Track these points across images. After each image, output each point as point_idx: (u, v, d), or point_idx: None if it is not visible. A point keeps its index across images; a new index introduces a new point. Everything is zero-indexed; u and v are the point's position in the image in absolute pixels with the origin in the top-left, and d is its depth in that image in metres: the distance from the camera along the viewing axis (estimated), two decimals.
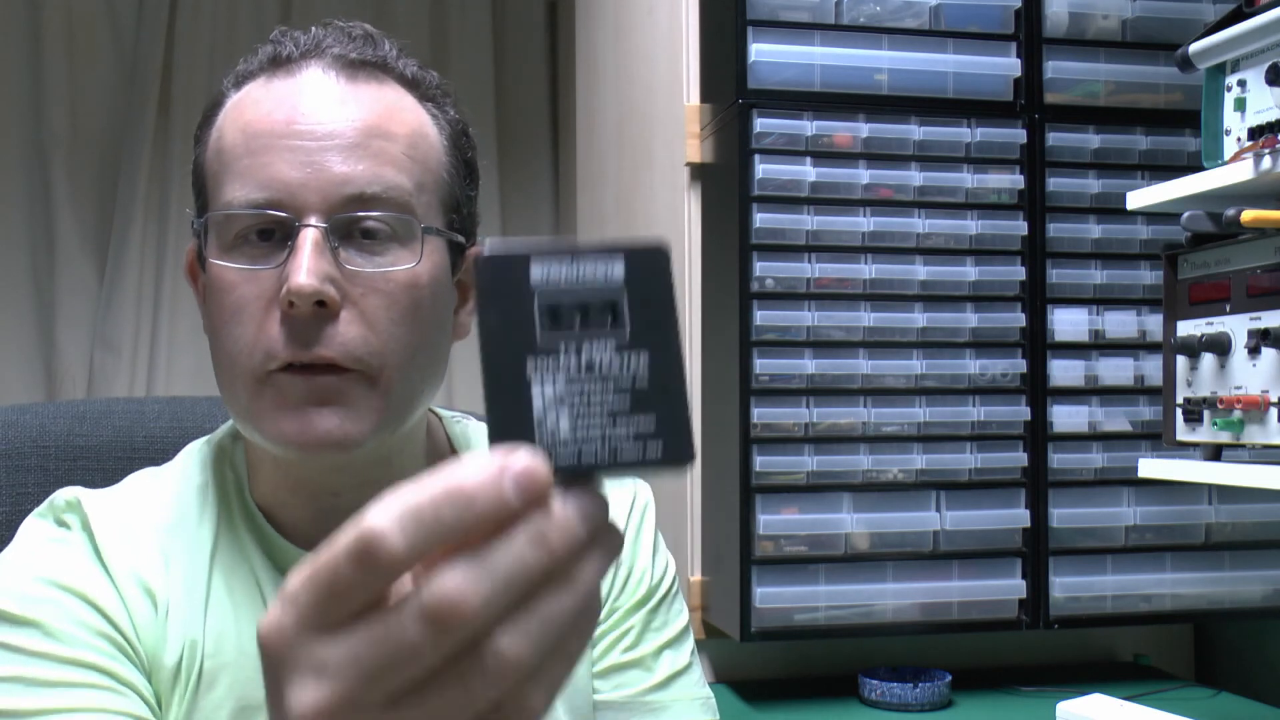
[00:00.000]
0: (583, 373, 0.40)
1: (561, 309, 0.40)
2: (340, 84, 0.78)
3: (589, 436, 0.39)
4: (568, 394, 0.39)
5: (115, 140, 3.05)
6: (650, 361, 0.40)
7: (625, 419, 0.40)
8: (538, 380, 0.39)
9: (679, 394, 0.40)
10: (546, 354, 0.40)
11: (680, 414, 0.40)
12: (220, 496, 0.83)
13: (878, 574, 1.57)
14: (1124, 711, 1.37)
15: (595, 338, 0.40)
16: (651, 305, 0.40)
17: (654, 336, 0.40)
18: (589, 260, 0.40)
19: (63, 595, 0.75)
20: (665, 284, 0.41)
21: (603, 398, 0.40)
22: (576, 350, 0.40)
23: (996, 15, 1.63)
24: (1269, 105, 1.19)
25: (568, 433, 0.39)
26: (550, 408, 0.39)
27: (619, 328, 0.40)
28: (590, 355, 0.40)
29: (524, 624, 0.37)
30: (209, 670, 0.77)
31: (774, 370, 1.55)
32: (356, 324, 0.75)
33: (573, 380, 0.40)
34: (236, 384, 0.76)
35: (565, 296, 0.40)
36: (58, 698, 0.71)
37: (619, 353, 0.40)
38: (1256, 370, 1.18)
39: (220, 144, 0.79)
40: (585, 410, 0.39)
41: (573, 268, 0.40)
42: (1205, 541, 1.66)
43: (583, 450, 0.39)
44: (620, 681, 0.89)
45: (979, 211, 1.62)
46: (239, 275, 0.76)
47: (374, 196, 0.75)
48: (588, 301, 0.40)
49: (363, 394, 0.75)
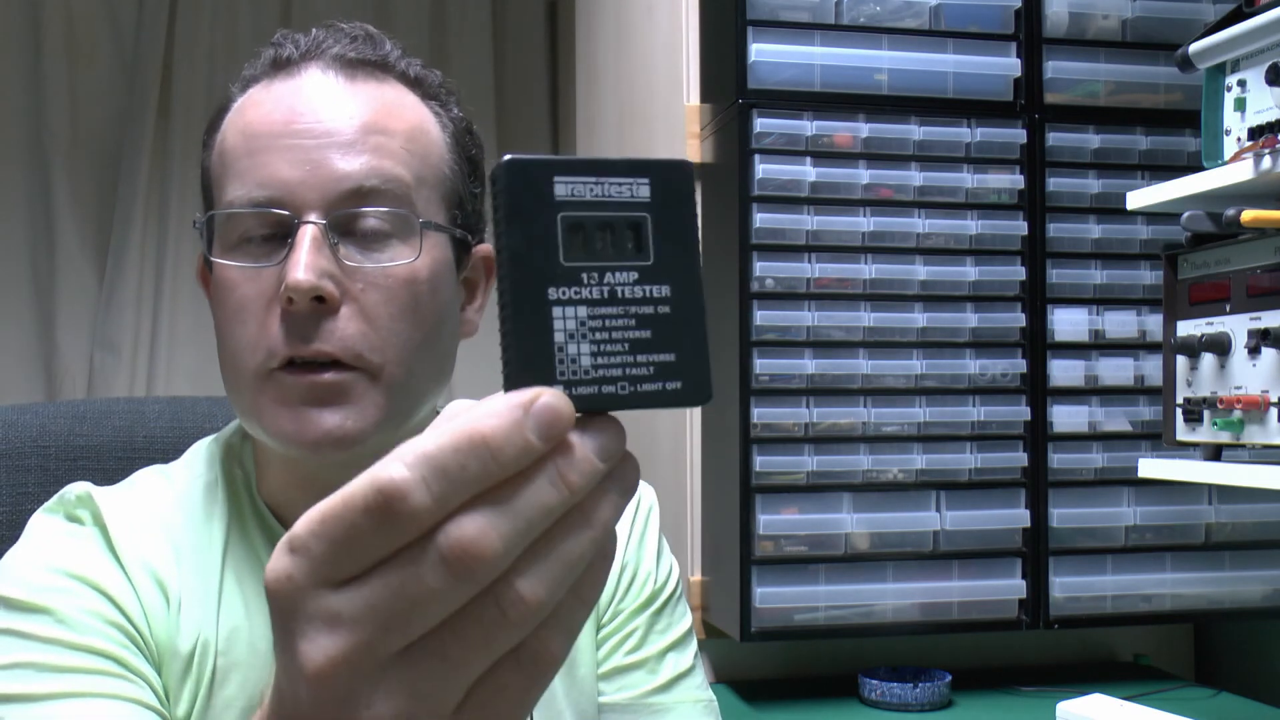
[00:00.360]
0: (605, 302, 0.38)
1: (586, 231, 0.38)
2: (339, 83, 0.79)
3: (610, 369, 0.38)
4: (590, 323, 0.38)
5: (115, 140, 3.05)
6: (673, 292, 0.39)
7: (646, 352, 0.38)
8: (560, 307, 0.38)
9: (699, 328, 0.39)
10: (569, 279, 0.38)
11: (700, 349, 0.39)
12: (230, 495, 0.83)
13: (878, 574, 1.57)
14: (1124, 711, 1.37)
15: (619, 265, 0.39)
16: (675, 230, 0.39)
17: (677, 265, 0.39)
18: (615, 177, 0.39)
19: (74, 584, 0.75)
20: (689, 206, 0.40)
21: (625, 329, 0.38)
22: (599, 276, 0.38)
23: (996, 15, 1.63)
24: (1269, 105, 1.19)
25: (589, 365, 0.38)
26: (572, 338, 0.38)
27: (642, 253, 0.39)
28: (614, 283, 0.38)
29: (543, 566, 0.36)
30: (221, 668, 0.78)
31: (774, 370, 1.55)
32: (356, 320, 0.75)
33: (595, 309, 0.38)
34: (240, 382, 0.77)
35: (589, 216, 0.38)
36: (68, 683, 0.71)
37: (642, 282, 0.39)
38: (1256, 370, 1.18)
39: (223, 146, 0.80)
40: (607, 341, 0.38)
41: (598, 185, 0.39)
42: (1205, 541, 1.66)
43: (603, 384, 0.38)
44: (623, 683, 0.89)
45: (979, 211, 1.62)
46: (241, 274, 0.76)
47: (372, 190, 0.76)
48: (613, 223, 0.39)
49: (364, 391, 0.75)
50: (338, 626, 0.36)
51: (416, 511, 0.35)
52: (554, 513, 0.36)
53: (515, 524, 0.36)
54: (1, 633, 0.74)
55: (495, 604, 0.36)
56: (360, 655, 0.36)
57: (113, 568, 0.77)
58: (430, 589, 0.35)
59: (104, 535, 0.79)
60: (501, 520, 0.36)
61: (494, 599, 0.36)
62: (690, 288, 0.39)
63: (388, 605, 0.36)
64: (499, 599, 0.36)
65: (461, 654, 0.36)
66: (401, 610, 0.36)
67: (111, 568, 0.77)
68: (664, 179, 0.39)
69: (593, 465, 0.37)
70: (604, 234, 0.39)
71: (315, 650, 0.36)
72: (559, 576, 0.37)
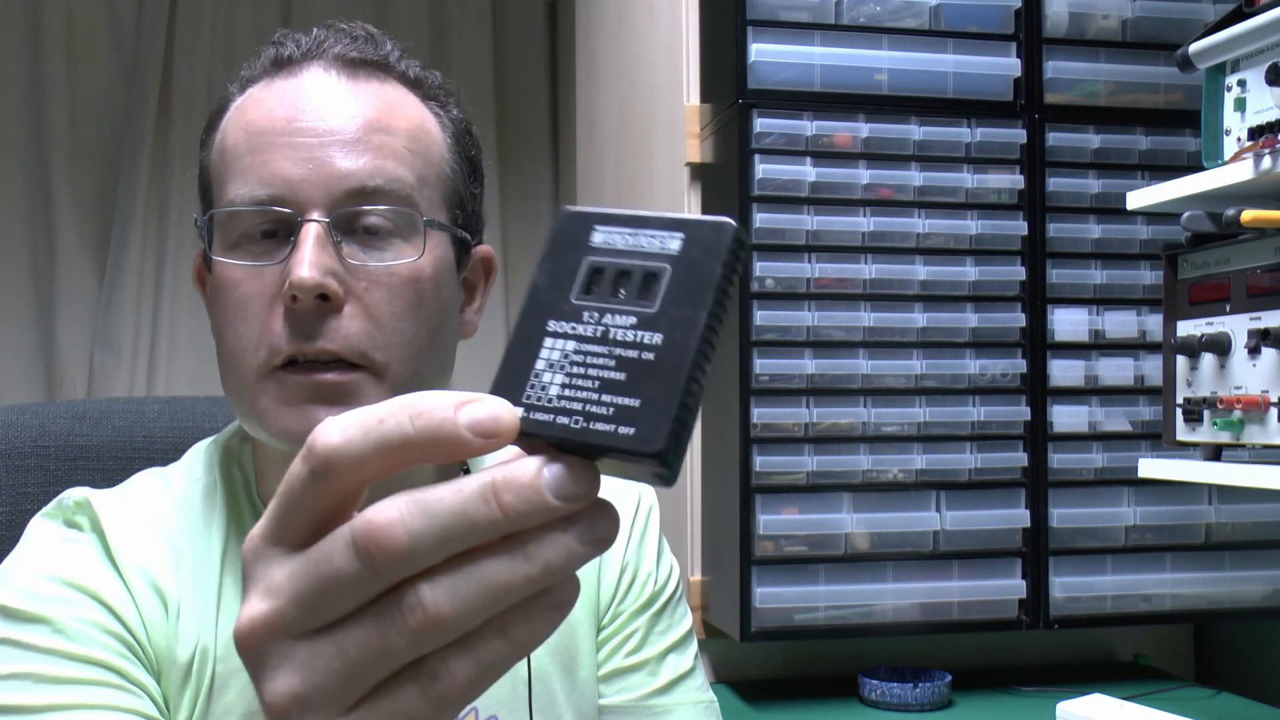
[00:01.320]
0: (594, 341, 0.38)
1: (604, 275, 0.39)
2: (341, 82, 0.79)
3: (572, 403, 0.37)
4: (573, 357, 0.38)
5: (115, 140, 3.05)
6: (665, 342, 0.37)
7: (613, 394, 0.37)
8: (552, 339, 0.39)
9: (677, 382, 0.37)
10: (572, 315, 0.39)
11: (669, 402, 0.36)
12: (229, 498, 0.83)
13: (878, 574, 1.57)
14: (1124, 711, 1.37)
15: (620, 308, 0.38)
16: (694, 286, 0.38)
17: (681, 319, 0.37)
18: (652, 230, 0.39)
19: (73, 593, 0.75)
20: (716, 262, 0.38)
21: (602, 368, 0.38)
22: (598, 317, 0.38)
23: (996, 15, 1.63)
24: (1269, 105, 1.19)
25: (555, 394, 0.37)
26: (551, 367, 0.38)
27: (648, 301, 0.38)
28: (609, 324, 0.38)
29: (455, 580, 0.35)
30: (221, 675, 0.77)
31: (774, 370, 1.55)
32: (360, 318, 0.75)
33: (583, 344, 0.38)
34: (241, 381, 0.77)
35: (612, 262, 0.39)
36: (66, 694, 0.71)
37: (636, 327, 0.38)
38: (1256, 370, 1.18)
39: (223, 145, 0.79)
40: (581, 376, 0.38)
41: (634, 235, 0.39)
42: (1205, 541, 1.66)
43: (559, 414, 0.37)
44: (624, 685, 0.89)
45: (979, 211, 1.62)
46: (243, 272, 0.76)
47: (375, 189, 0.76)
48: (629, 270, 0.39)
49: (369, 390, 0.75)
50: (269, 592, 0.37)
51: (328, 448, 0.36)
52: (479, 527, 0.35)
53: (429, 522, 0.35)
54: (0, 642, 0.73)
55: (398, 605, 0.35)
56: (275, 622, 0.37)
57: (111, 576, 0.77)
58: (338, 568, 0.35)
59: (102, 542, 0.78)
60: (416, 511, 0.35)
61: (398, 598, 0.35)
62: (685, 342, 0.37)
63: (304, 577, 0.36)
64: (401, 600, 0.35)
65: (357, 650, 0.36)
66: (315, 586, 0.36)
67: (110, 576, 0.77)
68: (699, 235, 0.38)
69: (537, 494, 0.35)
70: (621, 280, 0.39)
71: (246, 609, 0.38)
72: (475, 598, 0.35)
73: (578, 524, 0.36)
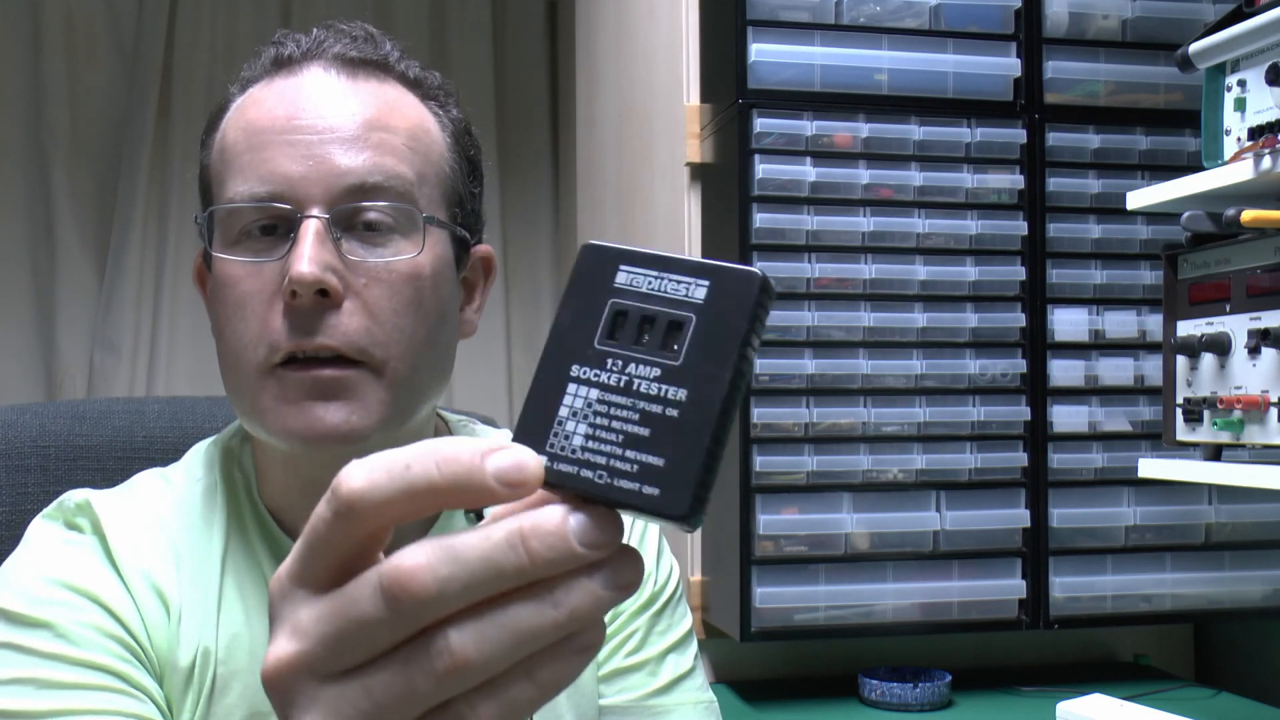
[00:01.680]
0: (618, 390, 0.38)
1: (628, 320, 0.38)
2: (341, 81, 0.79)
3: (596, 455, 0.37)
4: (597, 407, 0.38)
5: (115, 140, 3.05)
6: (690, 398, 0.37)
7: (637, 450, 0.37)
8: (575, 385, 0.38)
9: (703, 442, 0.36)
10: (595, 361, 0.38)
11: (694, 463, 0.36)
12: (229, 499, 0.83)
13: (878, 574, 1.57)
14: (1124, 711, 1.37)
15: (645, 358, 0.38)
16: (719, 338, 0.37)
17: (706, 374, 0.37)
18: (678, 274, 0.38)
19: (74, 597, 0.75)
20: (742, 316, 0.37)
21: (626, 421, 0.37)
22: (622, 365, 0.38)
23: (996, 15, 1.63)
24: (1269, 105, 1.19)
25: (579, 445, 0.37)
26: (574, 415, 0.38)
27: (673, 353, 0.37)
28: (633, 375, 0.38)
29: (483, 626, 0.35)
30: (222, 677, 0.77)
31: (774, 370, 1.55)
32: (360, 314, 0.75)
33: (607, 394, 0.38)
34: (241, 378, 0.77)
35: (634, 308, 0.38)
36: (69, 699, 0.71)
37: (661, 380, 0.37)
38: (1256, 370, 1.18)
39: (223, 144, 0.80)
40: (605, 429, 0.37)
41: (659, 279, 0.38)
42: (1205, 541, 1.66)
43: (583, 467, 0.37)
44: (623, 686, 0.89)
45: (979, 211, 1.61)
46: (243, 269, 0.76)
47: (375, 186, 0.76)
48: (654, 318, 0.38)
49: (368, 386, 0.75)
50: (296, 632, 0.37)
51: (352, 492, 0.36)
52: (506, 573, 0.35)
53: (456, 569, 0.35)
54: (2, 647, 0.73)
55: (425, 649, 0.35)
56: (302, 663, 0.37)
57: (112, 579, 0.77)
58: (364, 612, 0.36)
59: (103, 545, 0.78)
60: (443, 558, 0.35)
61: (425, 643, 0.35)
62: (710, 400, 0.37)
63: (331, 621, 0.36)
64: (429, 644, 0.35)
65: (384, 692, 0.36)
66: (341, 629, 0.36)
67: (111, 579, 0.77)
68: (726, 284, 0.37)
69: (564, 542, 0.35)
70: (645, 327, 0.38)
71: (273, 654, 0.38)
72: (502, 644, 0.35)
73: (603, 570, 0.36)
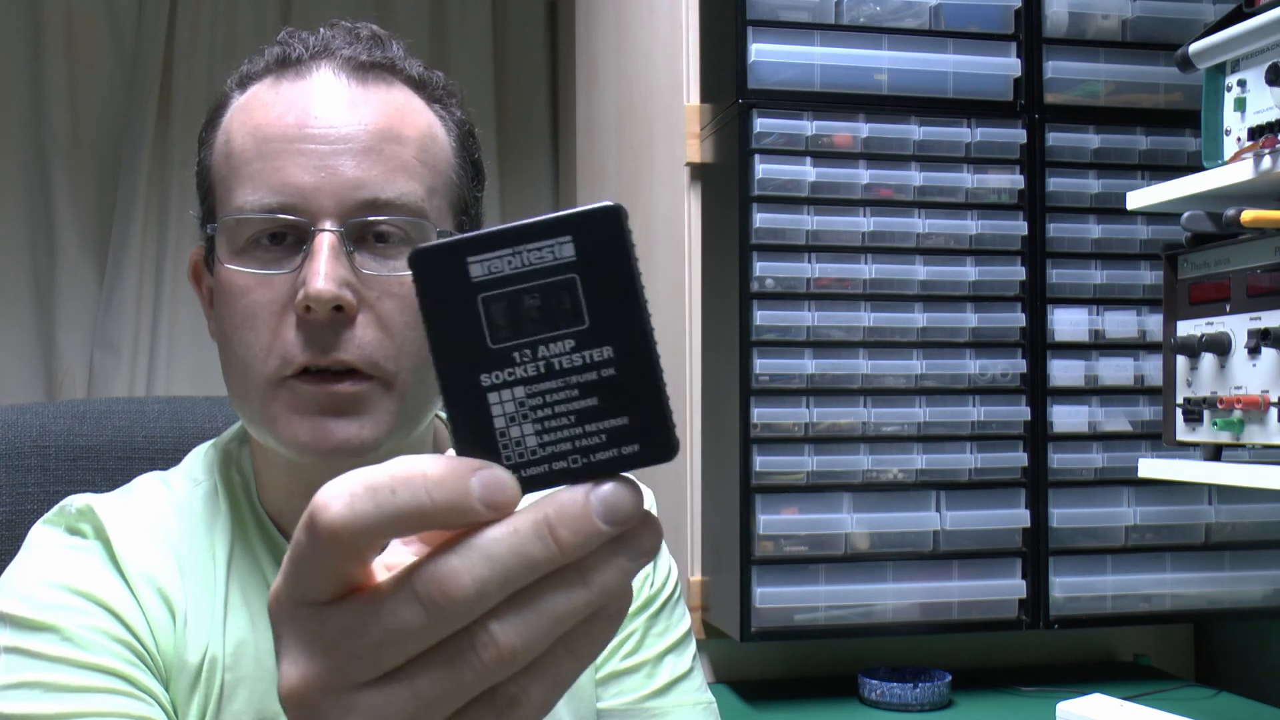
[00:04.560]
0: (542, 377, 0.36)
1: (509, 308, 0.36)
2: (351, 86, 0.78)
3: (558, 445, 0.36)
4: (530, 403, 0.36)
5: (115, 140, 3.05)
6: (616, 352, 0.36)
7: (595, 420, 0.36)
8: (495, 393, 0.37)
9: (651, 384, 0.36)
10: (501, 361, 0.36)
11: (655, 406, 0.36)
12: (231, 503, 0.83)
13: (878, 574, 1.57)
14: (1124, 711, 1.37)
15: (551, 336, 0.36)
16: (610, 284, 0.36)
17: (617, 322, 0.36)
18: (533, 244, 0.36)
19: (80, 601, 0.75)
20: (623, 254, 0.36)
21: (568, 401, 0.36)
22: (533, 353, 0.36)
23: (996, 15, 1.63)
24: (1269, 105, 1.19)
25: (535, 445, 0.37)
26: (513, 420, 0.36)
27: (576, 319, 0.36)
28: (549, 356, 0.36)
29: (523, 615, 0.36)
30: (229, 683, 0.77)
31: (774, 370, 1.55)
32: (372, 328, 0.75)
33: (533, 387, 0.36)
34: (249, 389, 0.76)
35: (511, 293, 0.36)
36: (76, 703, 0.71)
37: (580, 350, 0.36)
38: (1256, 370, 1.18)
39: (229, 147, 0.78)
40: (550, 417, 0.36)
41: (515, 255, 0.36)
42: (1205, 541, 1.66)
43: (553, 461, 0.37)
44: (621, 688, 0.88)
45: (979, 211, 1.62)
46: (252, 280, 0.75)
47: (387, 202, 0.75)
48: (537, 294, 0.36)
49: (379, 400, 0.75)
50: (315, 650, 0.37)
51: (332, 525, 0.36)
52: (538, 565, 0.36)
53: (491, 568, 0.35)
54: (8, 651, 0.73)
55: (470, 644, 0.36)
56: (331, 680, 0.37)
57: (117, 583, 0.76)
58: (403, 621, 0.36)
59: (107, 550, 0.78)
60: (477, 560, 0.35)
61: (469, 638, 0.36)
62: (636, 343, 0.36)
63: (361, 632, 0.36)
64: (474, 639, 0.36)
65: (431, 689, 0.36)
66: (374, 639, 0.36)
67: (116, 583, 0.76)
68: (588, 230, 0.36)
69: (590, 524, 0.36)
70: (531, 306, 0.36)
71: (291, 671, 0.37)
72: (542, 629, 0.36)
73: (627, 543, 0.37)
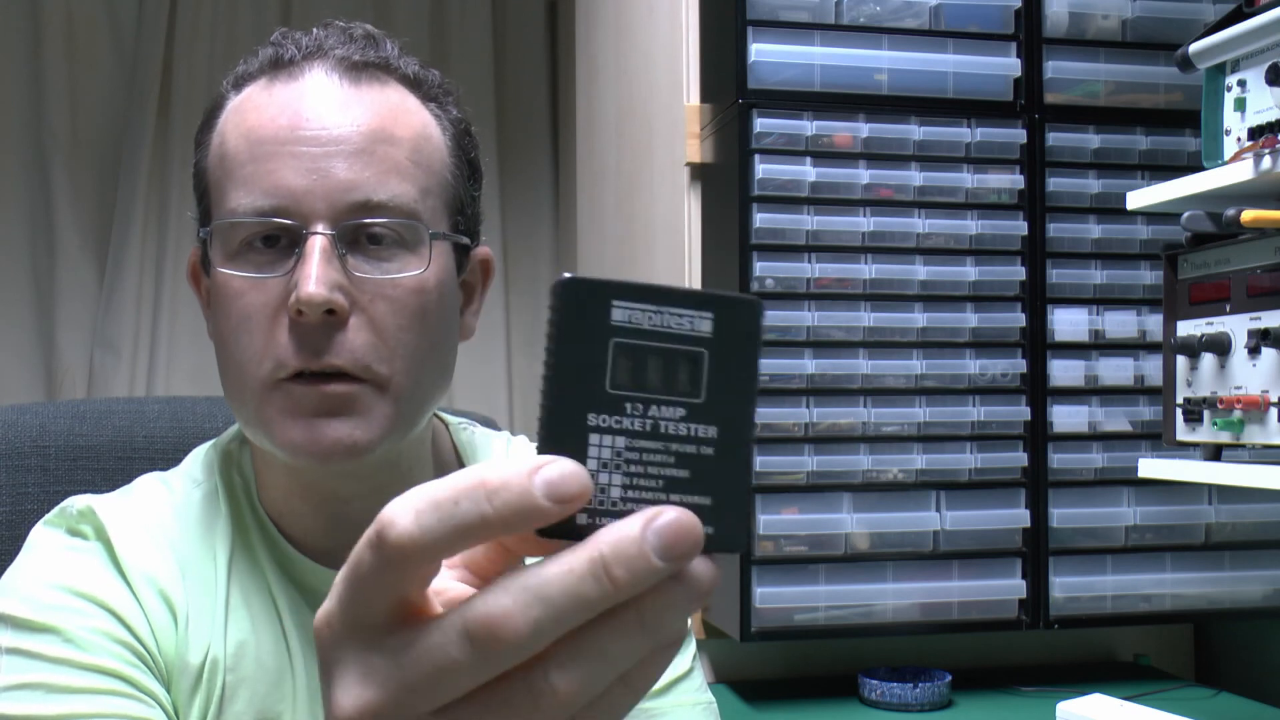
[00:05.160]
0: (646, 435, 0.37)
1: (637, 360, 0.37)
2: (343, 87, 0.78)
3: (640, 504, 0.36)
4: (627, 455, 0.37)
5: (115, 140, 3.05)
6: (719, 434, 0.37)
7: (681, 492, 0.37)
8: (597, 435, 0.37)
9: (741, 476, 0.37)
10: (612, 406, 0.37)
11: (739, 497, 0.37)
12: (231, 504, 0.83)
13: (878, 574, 1.57)
14: (1124, 711, 1.37)
15: (666, 399, 0.37)
16: (733, 370, 0.37)
17: (729, 407, 0.37)
18: (676, 309, 0.37)
19: (81, 602, 0.75)
20: (752, 346, 0.38)
21: (662, 465, 0.37)
22: (644, 408, 0.37)
23: (996, 15, 1.63)
24: (1269, 105, 1.19)
25: (618, 496, 0.37)
26: (605, 467, 0.37)
27: (693, 391, 0.37)
28: (658, 417, 0.37)
29: (583, 661, 0.35)
30: (230, 684, 0.77)
31: (774, 370, 1.55)
32: (365, 331, 0.75)
33: (635, 441, 0.37)
34: (245, 392, 0.76)
35: (643, 347, 0.37)
36: (78, 704, 0.71)
37: (688, 420, 0.37)
38: (1256, 370, 1.18)
39: (223, 149, 0.78)
40: (642, 475, 0.37)
41: (658, 314, 0.37)
42: (1205, 541, 1.66)
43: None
44: None
45: (979, 211, 1.61)
46: (245, 283, 0.75)
47: (380, 205, 0.75)
48: (666, 356, 0.37)
49: (372, 401, 0.75)
50: (370, 679, 0.36)
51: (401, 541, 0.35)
52: (593, 605, 0.34)
53: (545, 609, 0.34)
54: (10, 652, 0.73)
55: (527, 689, 0.35)
56: (390, 706, 0.36)
57: (118, 585, 0.76)
58: (452, 658, 0.35)
59: (109, 551, 0.78)
60: (530, 600, 0.34)
61: (526, 684, 0.35)
62: (739, 433, 0.37)
63: (413, 666, 0.36)
64: (531, 685, 0.35)
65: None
66: (425, 674, 0.35)
67: (117, 585, 0.76)
68: (730, 315, 0.37)
69: (646, 563, 0.34)
70: (657, 365, 0.37)
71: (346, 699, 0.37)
72: (599, 673, 0.35)
73: (684, 581, 0.36)
